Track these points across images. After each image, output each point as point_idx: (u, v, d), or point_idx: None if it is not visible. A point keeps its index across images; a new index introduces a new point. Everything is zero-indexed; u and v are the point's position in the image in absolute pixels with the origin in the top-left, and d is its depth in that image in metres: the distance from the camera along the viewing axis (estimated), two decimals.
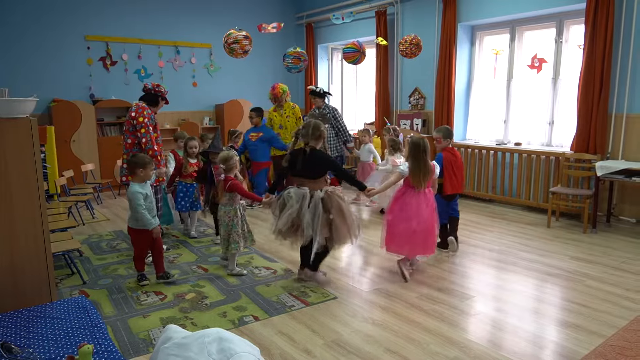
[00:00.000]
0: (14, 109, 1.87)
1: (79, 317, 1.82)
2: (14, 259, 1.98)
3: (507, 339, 2.83)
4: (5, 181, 1.95)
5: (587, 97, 5.19)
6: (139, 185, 3.58)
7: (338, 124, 6.13)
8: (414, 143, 3.74)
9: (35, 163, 1.94)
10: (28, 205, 1.97)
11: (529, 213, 5.83)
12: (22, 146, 1.91)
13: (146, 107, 4.20)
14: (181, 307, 3.31)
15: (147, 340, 2.84)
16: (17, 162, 1.93)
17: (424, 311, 3.21)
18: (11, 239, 1.97)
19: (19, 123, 1.90)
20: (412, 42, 5.83)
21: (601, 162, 4.90)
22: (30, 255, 1.99)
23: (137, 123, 4.08)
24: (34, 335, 1.68)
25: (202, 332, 1.26)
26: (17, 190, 1.97)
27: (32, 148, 1.92)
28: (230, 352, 1.15)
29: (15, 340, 1.64)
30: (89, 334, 1.68)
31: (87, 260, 4.32)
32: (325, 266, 4.12)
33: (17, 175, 1.95)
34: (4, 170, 1.94)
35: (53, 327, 1.74)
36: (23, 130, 1.90)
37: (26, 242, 1.99)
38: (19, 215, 1.97)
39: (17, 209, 1.97)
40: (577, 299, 3.36)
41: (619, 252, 4.35)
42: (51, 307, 1.92)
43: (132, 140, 4.14)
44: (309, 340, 2.85)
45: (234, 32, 4.87)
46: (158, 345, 1.29)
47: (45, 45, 7.02)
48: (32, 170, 1.94)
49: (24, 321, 1.80)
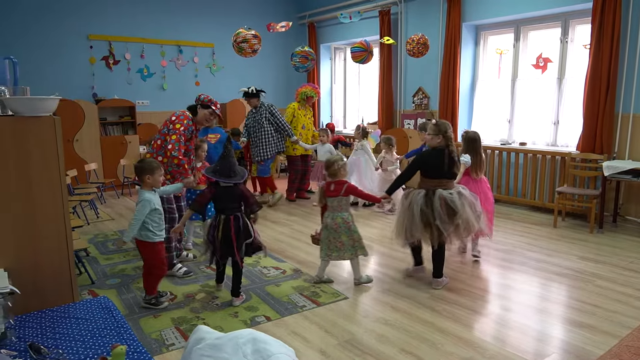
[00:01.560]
0: (38, 108, 1.85)
1: (103, 317, 1.79)
2: (38, 258, 1.96)
3: (521, 339, 2.82)
4: (28, 180, 1.92)
5: (593, 96, 5.19)
6: (149, 193, 3.22)
7: (277, 119, 6.15)
8: (470, 138, 4.08)
9: (58, 161, 1.92)
10: (51, 204, 1.94)
11: (534, 213, 5.83)
12: (46, 144, 1.89)
13: (189, 117, 3.92)
14: (192, 307, 3.29)
15: (159, 341, 2.81)
16: (41, 161, 1.91)
17: (436, 311, 3.20)
18: (34, 238, 1.95)
19: (43, 121, 1.88)
20: (420, 42, 5.83)
21: (608, 162, 4.90)
22: (52, 255, 1.96)
23: (172, 127, 3.84)
24: (60, 335, 1.66)
25: (235, 332, 1.24)
26: (41, 189, 1.94)
27: (56, 146, 1.90)
28: (266, 352, 1.13)
29: (41, 341, 1.62)
30: (116, 334, 1.66)
31: (94, 260, 4.30)
32: (329, 265, 4.11)
33: (41, 174, 1.93)
34: (28, 169, 1.91)
35: (79, 328, 1.72)
36: (47, 128, 1.88)
37: (49, 241, 1.96)
38: (42, 214, 1.95)
39: (40, 207, 1.95)
40: (588, 299, 3.35)
41: (627, 252, 4.35)
42: (74, 307, 1.90)
43: (161, 142, 3.90)
44: (322, 340, 2.83)
45: (243, 31, 4.84)
46: (190, 346, 1.27)
47: (48, 44, 6.98)
48: (55, 169, 1.92)
49: (48, 321, 1.78)
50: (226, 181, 3.28)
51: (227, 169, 3.30)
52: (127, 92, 7.66)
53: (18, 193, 1.94)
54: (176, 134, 3.78)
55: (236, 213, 3.30)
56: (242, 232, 3.28)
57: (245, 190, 3.40)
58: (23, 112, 1.86)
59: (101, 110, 7.32)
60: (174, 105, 7.13)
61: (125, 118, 7.64)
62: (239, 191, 3.33)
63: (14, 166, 1.91)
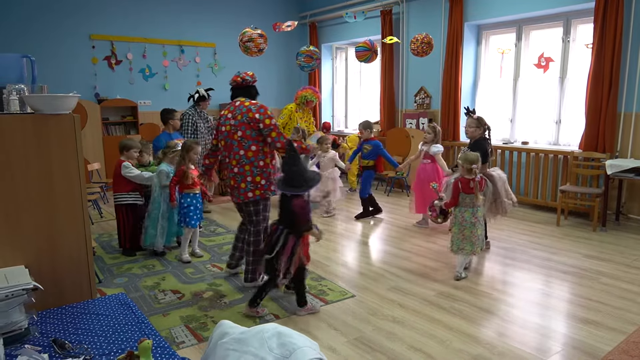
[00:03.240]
0: (58, 105, 1.86)
1: (123, 313, 1.81)
2: (57, 255, 1.97)
3: (528, 336, 2.85)
4: (49, 177, 1.93)
5: (596, 95, 5.22)
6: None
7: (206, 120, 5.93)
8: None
9: (77, 159, 1.93)
10: (71, 202, 1.95)
11: (537, 212, 5.86)
12: (66, 142, 1.90)
13: (263, 105, 3.44)
14: (200, 305, 3.30)
15: (169, 339, 2.82)
16: (61, 159, 1.92)
17: (443, 309, 3.22)
18: (54, 235, 1.96)
19: (63, 119, 1.89)
20: (424, 41, 5.85)
21: (611, 161, 4.93)
22: (72, 252, 1.97)
23: (264, 127, 3.32)
24: (82, 331, 1.67)
25: (259, 327, 1.26)
26: (61, 186, 1.96)
27: (75, 145, 1.91)
28: (292, 346, 1.14)
29: (64, 336, 1.63)
30: (137, 330, 1.67)
31: (100, 259, 4.30)
32: (341, 264, 4.13)
33: (62, 172, 1.94)
34: (49, 167, 1.92)
35: (100, 324, 1.73)
36: (67, 126, 1.89)
37: (69, 238, 1.97)
38: (62, 211, 1.96)
39: (60, 204, 1.96)
40: (594, 297, 3.38)
41: (630, 250, 4.38)
42: (94, 303, 1.91)
43: (256, 147, 3.35)
44: (331, 338, 2.85)
45: (249, 31, 4.85)
46: (214, 340, 1.29)
47: (50, 44, 6.98)
48: (75, 167, 1.93)
49: (69, 317, 1.79)
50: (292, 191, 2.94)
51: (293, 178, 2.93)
52: (129, 92, 7.66)
53: (39, 190, 1.95)
54: (274, 130, 3.35)
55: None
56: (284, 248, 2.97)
57: (296, 207, 2.96)
58: (43, 109, 1.87)
59: (103, 110, 7.32)
60: (176, 105, 7.12)
61: (128, 118, 7.65)
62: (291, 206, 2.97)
63: (35, 163, 1.93)
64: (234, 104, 3.46)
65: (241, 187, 3.37)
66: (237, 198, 3.43)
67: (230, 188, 3.49)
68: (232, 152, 3.38)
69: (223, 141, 3.47)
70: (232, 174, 3.41)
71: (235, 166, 3.37)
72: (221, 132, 3.48)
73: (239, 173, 3.37)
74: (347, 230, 5.25)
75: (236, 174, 3.38)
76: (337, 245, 4.70)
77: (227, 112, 3.46)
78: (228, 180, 3.51)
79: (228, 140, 3.41)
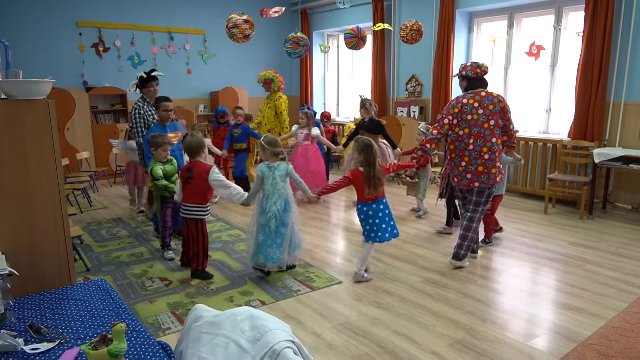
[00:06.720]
0: (32, 91, 1.83)
1: (101, 298, 1.81)
2: (35, 241, 1.96)
3: (511, 321, 2.88)
4: (24, 163, 1.91)
5: (585, 84, 5.23)
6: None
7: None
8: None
9: (53, 144, 1.91)
10: (47, 186, 1.94)
11: (525, 200, 5.90)
12: (40, 128, 1.87)
13: None
14: (187, 292, 3.32)
15: (155, 325, 2.84)
16: (36, 144, 1.89)
17: (428, 295, 3.25)
18: (31, 221, 1.94)
19: (37, 104, 1.86)
20: (413, 28, 5.81)
21: (599, 149, 4.96)
22: (49, 237, 1.97)
23: (509, 117, 3.70)
24: (59, 316, 1.67)
25: (232, 310, 1.26)
26: (36, 171, 1.94)
27: (50, 130, 1.89)
28: (263, 329, 1.15)
29: (41, 321, 1.63)
30: (115, 314, 1.67)
31: (88, 247, 4.29)
32: (324, 251, 4.15)
33: (36, 157, 1.92)
34: (23, 152, 1.90)
35: (78, 309, 1.73)
36: (41, 111, 1.86)
37: (46, 224, 1.96)
38: (38, 196, 1.94)
39: (36, 190, 1.94)
40: (578, 283, 3.42)
41: (616, 237, 4.43)
42: (72, 289, 1.91)
43: (500, 135, 3.71)
44: (317, 323, 2.87)
45: (235, 16, 4.79)
46: (188, 324, 1.29)
47: (37, 31, 6.87)
48: (50, 152, 1.91)
49: (47, 303, 1.79)
50: None
51: None
52: (118, 80, 7.57)
53: (13, 175, 1.93)
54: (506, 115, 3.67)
55: None
56: None
57: None
58: (17, 95, 1.84)
59: (92, 98, 7.25)
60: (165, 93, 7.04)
61: (117, 106, 7.58)
62: None
63: (8, 149, 1.91)
64: (479, 94, 3.65)
65: (492, 172, 3.64)
66: (485, 183, 3.66)
67: (476, 174, 3.65)
68: (483, 139, 3.60)
69: (467, 129, 3.62)
70: (481, 160, 3.62)
71: (487, 153, 3.61)
72: (466, 120, 3.62)
73: (490, 159, 3.62)
74: (337, 218, 5.26)
75: (487, 160, 3.62)
76: (326, 233, 4.72)
77: (472, 102, 3.62)
78: (467, 167, 3.66)
79: (476, 128, 3.60)
